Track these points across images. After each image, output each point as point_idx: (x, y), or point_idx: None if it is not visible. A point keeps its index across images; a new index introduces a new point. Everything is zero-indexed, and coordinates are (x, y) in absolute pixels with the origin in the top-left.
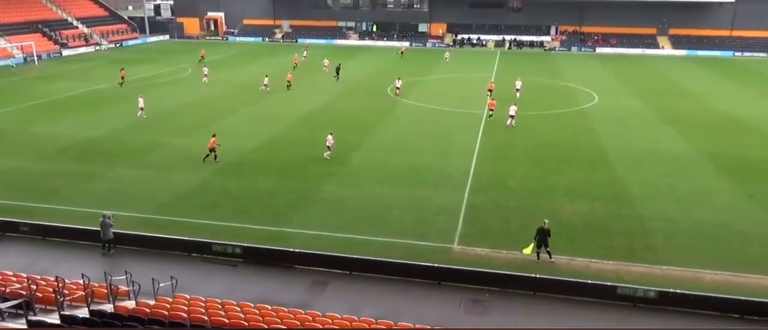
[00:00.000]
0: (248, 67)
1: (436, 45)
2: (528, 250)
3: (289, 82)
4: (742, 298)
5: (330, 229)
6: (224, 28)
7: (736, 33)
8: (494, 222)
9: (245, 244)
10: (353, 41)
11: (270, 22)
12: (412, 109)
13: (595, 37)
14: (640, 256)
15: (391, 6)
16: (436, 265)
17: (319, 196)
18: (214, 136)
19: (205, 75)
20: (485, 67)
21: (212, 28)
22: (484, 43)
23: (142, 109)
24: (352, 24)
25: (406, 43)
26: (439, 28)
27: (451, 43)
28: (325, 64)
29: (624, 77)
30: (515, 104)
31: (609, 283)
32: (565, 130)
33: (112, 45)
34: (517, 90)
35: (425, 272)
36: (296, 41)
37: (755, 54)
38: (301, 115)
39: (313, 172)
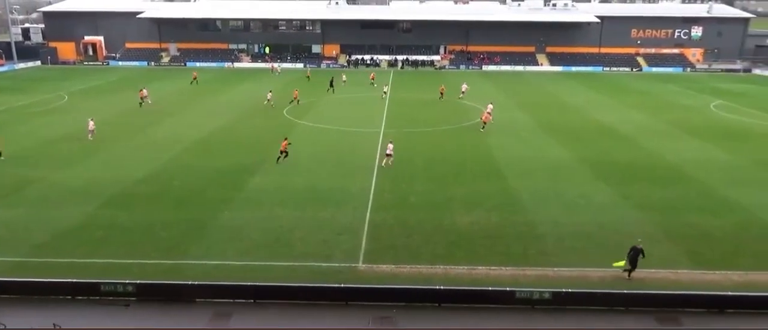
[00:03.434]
0: (132, 94)
1: (331, 66)
2: (619, 264)
3: (296, 98)
4: (626, 291)
5: (231, 257)
6: (104, 52)
7: (603, 50)
8: (397, 238)
9: (138, 282)
10: (246, 64)
11: (156, 46)
12: (310, 130)
13: (481, 56)
14: (533, 260)
15: (284, 28)
16: (342, 285)
17: (217, 224)
18: (286, 139)
19: (146, 95)
20: (380, 86)
21: (90, 52)
22: (378, 62)
23: (91, 131)
24: (243, 46)
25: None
26: (332, 49)
27: (346, 64)
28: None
29: (509, 92)
30: (491, 103)
31: (508, 289)
32: (460, 144)
33: None
34: (463, 92)
35: (331, 294)
36: (185, 65)
37: (620, 69)
38: (193, 140)
39: (210, 199)
